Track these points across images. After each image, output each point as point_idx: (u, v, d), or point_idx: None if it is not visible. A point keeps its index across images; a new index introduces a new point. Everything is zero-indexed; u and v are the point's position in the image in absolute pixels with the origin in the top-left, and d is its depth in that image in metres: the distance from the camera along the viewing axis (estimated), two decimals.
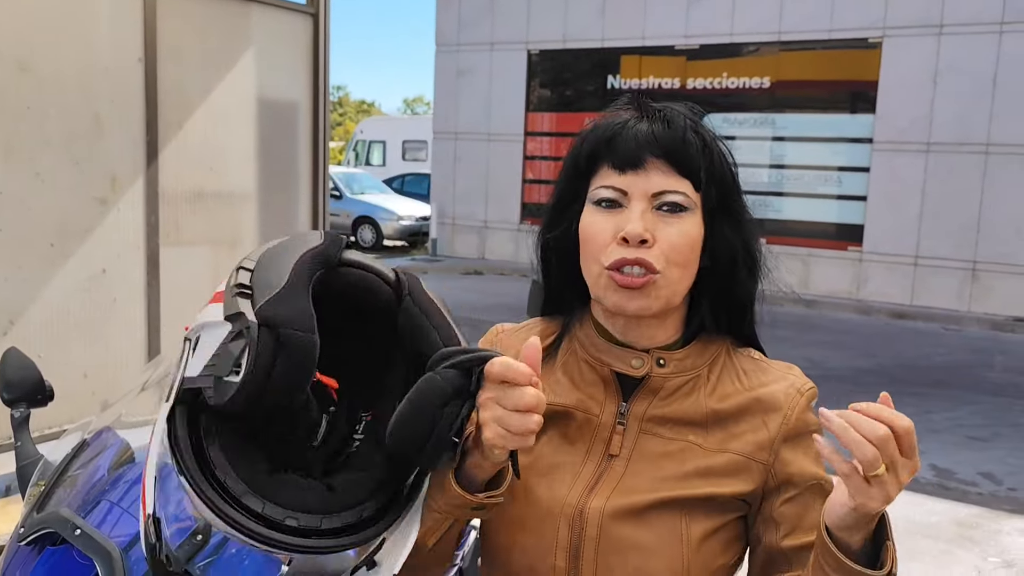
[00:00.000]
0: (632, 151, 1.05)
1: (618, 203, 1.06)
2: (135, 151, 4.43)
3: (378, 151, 24.79)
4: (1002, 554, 4.14)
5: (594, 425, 1.11)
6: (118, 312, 4.41)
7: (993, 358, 8.79)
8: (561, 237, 1.13)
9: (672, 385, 1.10)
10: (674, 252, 1.04)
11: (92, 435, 1.67)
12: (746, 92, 12.38)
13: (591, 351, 1.14)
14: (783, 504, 1.07)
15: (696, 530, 1.05)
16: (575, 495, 1.07)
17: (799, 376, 1.13)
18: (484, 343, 1.28)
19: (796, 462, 1.07)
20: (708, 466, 1.07)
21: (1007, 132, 10.55)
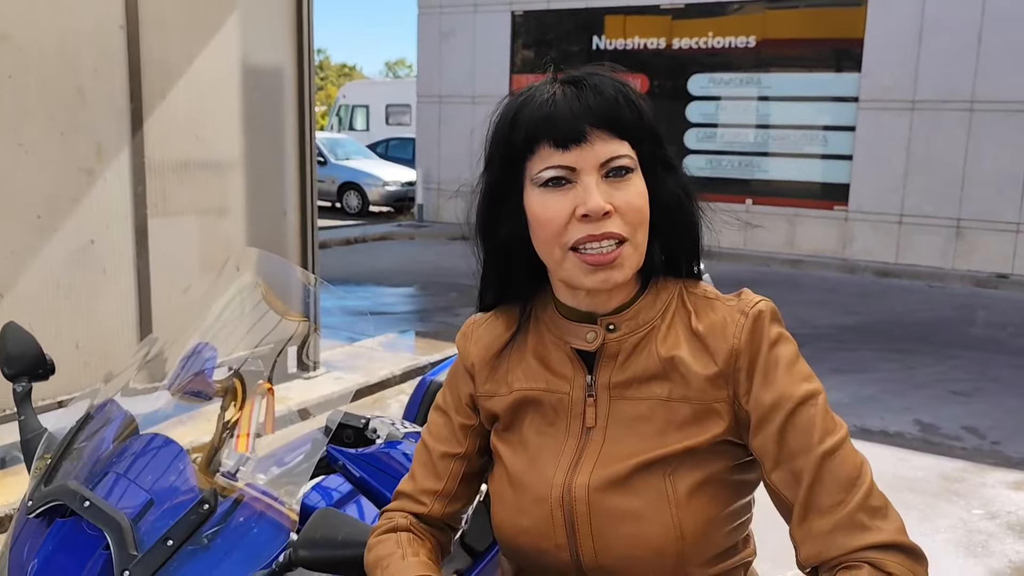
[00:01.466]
0: (572, 126, 1.03)
1: (567, 179, 1.04)
2: (120, 121, 4.39)
3: (361, 116, 24.57)
4: (986, 506, 4.24)
5: (567, 403, 1.12)
6: (108, 283, 4.40)
7: (976, 314, 8.90)
8: (512, 227, 1.10)
9: (628, 345, 1.10)
10: (635, 214, 1.04)
11: (96, 408, 1.68)
12: (732, 51, 12.31)
13: (554, 331, 1.15)
14: (758, 437, 1.04)
15: (681, 487, 1.05)
16: (560, 475, 1.09)
17: (746, 298, 1.10)
18: (460, 337, 1.27)
19: (754, 385, 1.04)
20: (678, 418, 1.06)
21: (991, 89, 10.57)
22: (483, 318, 1.26)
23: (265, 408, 1.87)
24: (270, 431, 1.87)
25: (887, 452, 4.88)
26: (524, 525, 1.12)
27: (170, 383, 1.84)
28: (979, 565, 3.66)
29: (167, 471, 1.55)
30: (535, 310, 1.19)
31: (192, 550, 1.41)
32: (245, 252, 1.80)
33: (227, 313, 1.85)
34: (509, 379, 1.17)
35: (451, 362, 2.79)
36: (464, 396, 1.23)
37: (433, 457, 1.23)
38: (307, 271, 1.76)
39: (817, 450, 1.00)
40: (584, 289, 1.08)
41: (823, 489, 0.99)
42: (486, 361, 1.20)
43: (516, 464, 1.14)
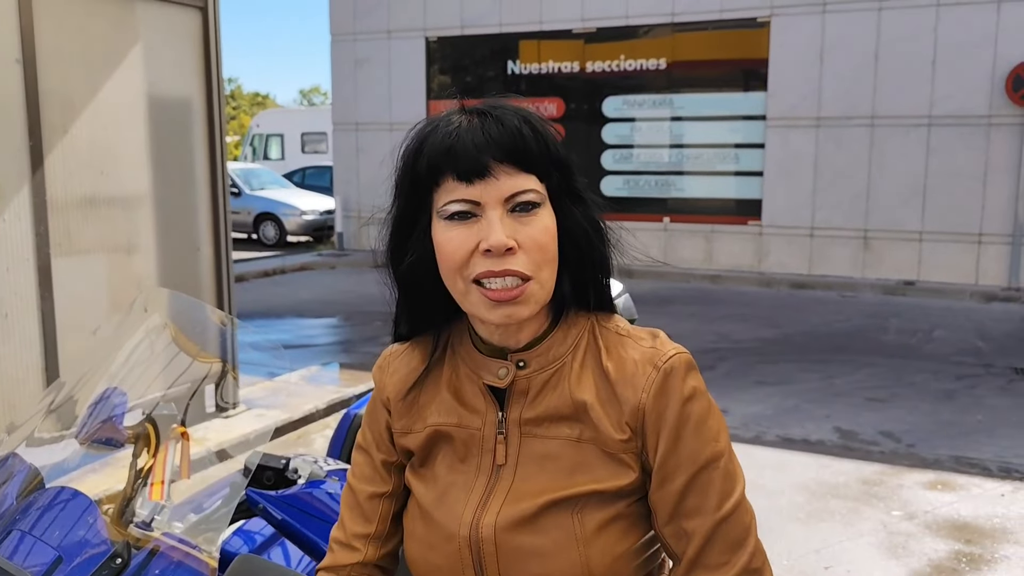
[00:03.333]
0: (474, 159, 1.01)
1: (471, 213, 1.02)
2: (18, 158, 4.21)
3: (276, 144, 24.21)
4: (904, 507, 4.37)
5: (478, 439, 1.10)
6: (11, 328, 4.20)
7: (887, 321, 9.22)
8: (419, 258, 1.08)
9: (538, 382, 1.08)
10: (540, 251, 1.02)
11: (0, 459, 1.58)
12: (644, 74, 12.59)
13: (469, 364, 1.13)
14: (658, 492, 1.05)
15: (590, 524, 1.04)
16: (468, 513, 1.08)
17: (661, 346, 1.08)
18: (377, 369, 1.24)
19: (661, 447, 1.04)
20: (585, 461, 1.06)
21: (890, 105, 11.06)
22: (399, 349, 1.23)
23: (180, 452, 1.80)
24: (186, 476, 1.79)
25: (809, 459, 4.99)
26: (435, 562, 1.10)
27: (79, 431, 1.76)
28: (901, 566, 3.76)
29: (76, 525, 1.47)
30: (451, 341, 1.17)
31: None
32: (154, 292, 1.73)
33: (137, 355, 1.77)
34: (424, 414, 1.15)
35: None
36: (382, 432, 1.20)
37: (360, 499, 1.19)
38: (219, 310, 1.70)
39: (714, 515, 1.03)
40: (490, 323, 1.06)
41: (712, 550, 1.03)
42: (401, 395, 1.17)
43: (427, 499, 1.11)
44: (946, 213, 10.93)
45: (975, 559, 3.82)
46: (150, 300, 1.73)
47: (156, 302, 1.72)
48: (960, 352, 7.79)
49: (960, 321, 9.20)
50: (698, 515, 1.03)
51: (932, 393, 6.41)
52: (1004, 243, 10.73)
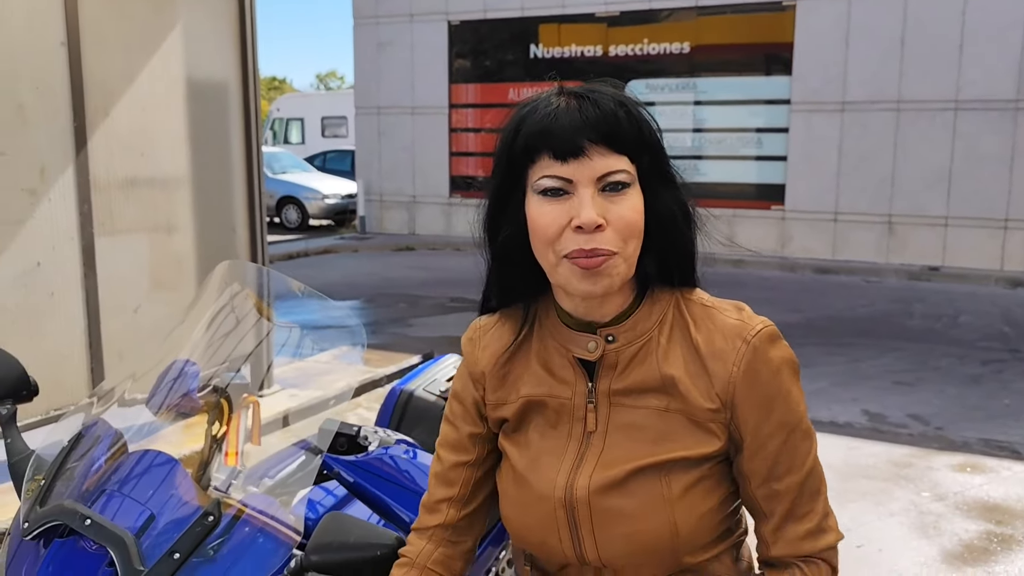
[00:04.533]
0: (570, 139, 1.06)
1: (564, 191, 1.07)
2: (63, 139, 4.29)
3: (296, 129, 24.31)
4: (934, 488, 4.41)
5: (569, 408, 1.17)
6: (56, 306, 4.30)
7: (912, 306, 9.22)
8: (513, 231, 1.13)
9: (627, 356, 1.14)
10: (627, 229, 1.07)
11: (86, 427, 1.66)
12: (666, 58, 12.56)
13: (557, 338, 1.18)
14: (751, 461, 1.12)
15: (676, 487, 1.11)
16: (562, 477, 1.14)
17: (747, 320, 1.13)
18: (464, 341, 1.30)
19: (752, 418, 1.10)
20: (672, 430, 1.12)
21: (916, 89, 10.99)
22: (488, 323, 1.28)
23: (251, 420, 1.87)
24: (256, 443, 1.87)
25: (839, 441, 5.03)
26: (528, 521, 1.18)
27: (151, 400, 1.83)
28: (933, 545, 3.80)
29: (165, 486, 1.54)
30: (539, 315, 1.22)
31: (198, 562, 1.41)
32: (232, 264, 1.79)
33: (212, 326, 1.84)
34: (517, 385, 1.21)
35: (420, 371, 2.81)
36: (471, 406, 1.27)
37: (445, 467, 1.27)
38: (294, 280, 1.77)
39: (801, 472, 1.13)
40: (577, 295, 1.11)
41: (800, 502, 1.13)
42: (496, 370, 1.23)
43: (521, 463, 1.19)
44: (971, 198, 10.88)
45: (1006, 539, 3.86)
46: (228, 272, 1.80)
47: (234, 274, 1.79)
48: (986, 337, 7.78)
49: (985, 306, 9.18)
50: (788, 475, 1.12)
51: (958, 377, 6.43)
52: None
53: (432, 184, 14.38)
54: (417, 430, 2.36)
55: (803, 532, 1.12)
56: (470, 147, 14.07)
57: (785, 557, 1.14)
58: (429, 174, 14.38)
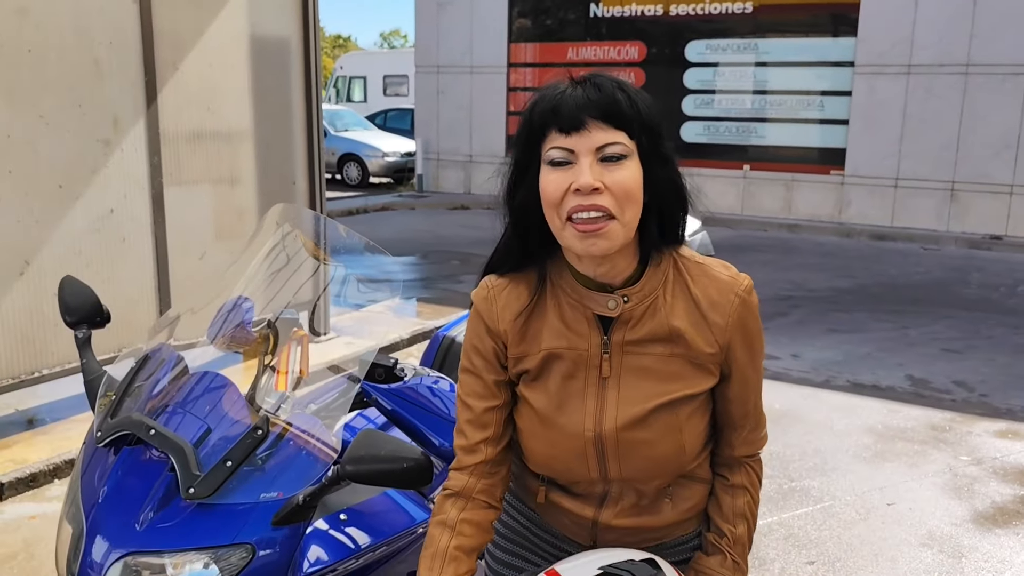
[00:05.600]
0: (573, 116, 1.23)
1: (568, 161, 1.24)
2: (135, 92, 4.52)
3: (359, 87, 24.56)
4: (972, 453, 4.44)
5: (585, 358, 1.35)
6: (127, 251, 4.56)
7: (969, 275, 9.07)
8: (527, 195, 1.30)
9: (639, 312, 1.33)
10: (623, 194, 1.23)
11: (152, 351, 1.85)
12: (729, 18, 12.37)
13: (573, 296, 1.35)
14: (732, 384, 1.39)
15: (683, 415, 1.35)
16: (590, 419, 1.35)
17: (734, 275, 1.37)
18: (478, 298, 1.43)
19: (739, 354, 1.36)
20: (676, 371, 1.34)
21: (986, 53, 10.66)
22: (501, 283, 1.42)
23: (300, 352, 2.04)
24: (305, 374, 2.04)
25: (879, 404, 5.07)
26: (556, 453, 1.38)
27: (212, 331, 2.02)
28: (964, 506, 3.86)
29: (221, 404, 1.73)
30: (551, 275, 1.38)
31: (248, 470, 1.59)
32: (285, 207, 1.96)
33: (267, 265, 2.01)
34: (538, 339, 1.37)
35: (462, 319, 2.98)
36: (492, 357, 1.41)
37: (476, 413, 1.42)
38: (340, 224, 1.93)
39: (760, 389, 1.44)
40: (580, 256, 1.29)
41: (758, 413, 1.46)
42: (517, 326, 1.38)
43: (545, 407, 1.37)
44: None
45: None
46: (282, 215, 1.96)
47: (286, 216, 1.95)
48: None
49: None
50: (755, 394, 1.43)
51: (1011, 347, 6.36)
52: None
53: (489, 143, 14.47)
54: (456, 372, 2.52)
55: (756, 437, 1.46)
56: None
57: (741, 456, 1.46)
58: (486, 133, 14.47)
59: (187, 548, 1.54)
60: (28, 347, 4.17)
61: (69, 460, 3.99)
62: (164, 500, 1.59)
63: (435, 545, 1.38)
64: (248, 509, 1.56)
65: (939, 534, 3.61)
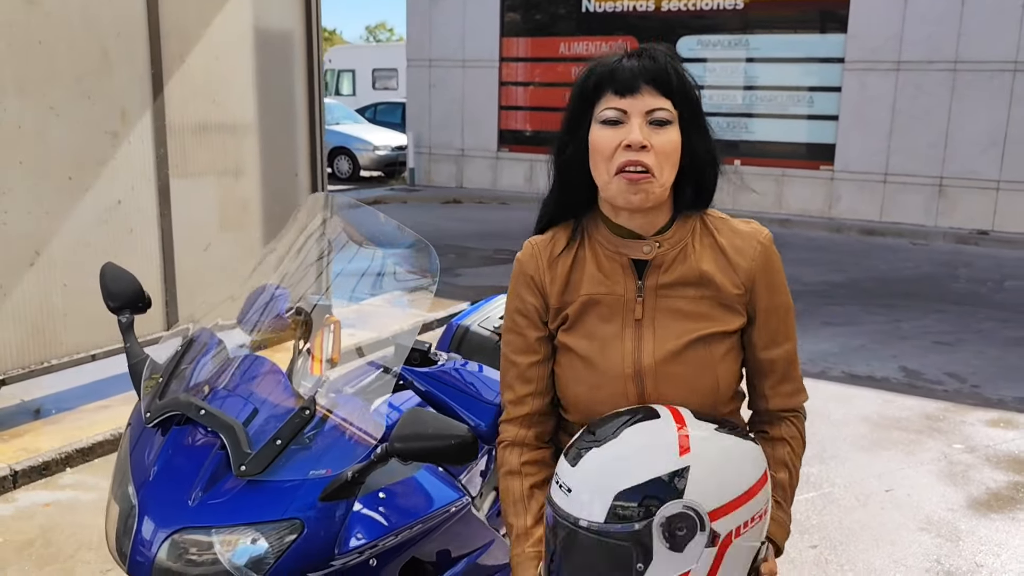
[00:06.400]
0: (629, 80, 1.38)
1: (620, 121, 1.38)
2: (142, 84, 4.55)
3: (348, 80, 24.52)
4: (965, 441, 4.54)
5: (621, 302, 1.46)
6: (135, 242, 4.59)
7: (958, 270, 9.21)
8: (575, 152, 1.44)
9: (670, 257, 1.46)
10: (664, 155, 1.38)
11: (195, 335, 1.90)
12: (720, 14, 12.46)
13: (609, 246, 1.48)
14: (758, 328, 1.49)
15: (717, 353, 1.45)
16: (628, 357, 1.44)
17: (756, 228, 1.50)
18: (523, 256, 1.55)
19: (764, 297, 1.47)
20: (706, 311, 1.45)
21: (974, 50, 10.80)
22: (542, 241, 1.55)
23: (332, 338, 2.10)
24: (337, 359, 2.11)
25: (874, 394, 5.17)
26: (600, 396, 1.46)
27: (245, 319, 2.07)
28: (959, 492, 3.96)
29: (266, 386, 1.78)
30: (587, 230, 1.51)
31: (296, 448, 1.65)
32: (319, 196, 2.01)
33: (300, 253, 2.07)
34: (578, 287, 1.49)
35: (476, 308, 3.04)
36: (533, 313, 1.53)
37: (521, 369, 1.54)
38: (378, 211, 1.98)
39: (791, 342, 1.53)
40: (622, 207, 1.41)
41: (790, 368, 1.53)
42: (560, 278, 1.50)
43: (587, 350, 1.47)
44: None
45: None
46: (315, 204, 2.02)
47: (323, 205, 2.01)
48: None
49: None
50: (784, 343, 1.51)
51: (1000, 340, 6.49)
52: None
53: (481, 137, 14.52)
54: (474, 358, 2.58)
55: (791, 390, 1.54)
56: (519, 101, 14.16)
57: (778, 410, 1.53)
58: (478, 127, 14.52)
59: (238, 523, 1.59)
60: (38, 337, 4.20)
61: (80, 449, 4.03)
62: (214, 478, 1.64)
63: (512, 493, 1.52)
64: (297, 485, 1.62)
65: (936, 519, 3.71)
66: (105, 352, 4.50)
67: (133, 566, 1.63)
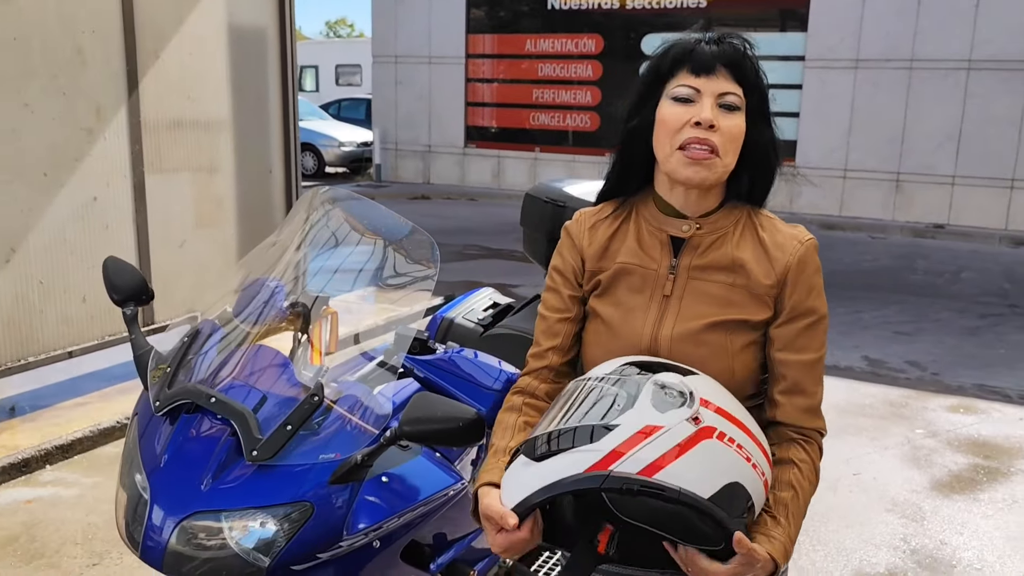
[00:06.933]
0: (708, 60, 1.41)
1: (691, 100, 1.40)
2: (117, 81, 4.54)
3: (310, 76, 24.37)
4: (927, 426, 4.72)
5: (653, 276, 1.49)
6: (110, 238, 4.58)
7: (915, 263, 9.47)
8: (641, 124, 1.47)
9: (707, 241, 1.47)
10: (729, 139, 1.40)
11: (201, 326, 1.94)
12: (683, 11, 12.63)
13: (652, 222, 1.52)
14: (780, 326, 1.45)
15: (736, 343, 1.44)
16: (648, 328, 1.47)
17: (801, 231, 1.50)
18: (572, 222, 1.59)
19: (794, 295, 1.44)
20: (737, 299, 1.45)
21: (929, 48, 11.10)
22: (592, 211, 1.60)
23: (330, 328, 2.16)
24: (334, 349, 2.16)
25: (839, 383, 5.33)
26: None
27: (242, 312, 2.12)
28: (924, 475, 4.12)
29: (273, 374, 1.84)
30: (636, 207, 1.55)
31: (306, 434, 1.70)
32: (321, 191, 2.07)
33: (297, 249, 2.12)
34: (615, 256, 1.53)
35: (459, 302, 3.11)
36: (570, 274, 1.58)
37: (550, 323, 1.58)
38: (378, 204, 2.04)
39: (813, 355, 1.46)
40: (680, 182, 1.43)
41: (807, 381, 1.45)
42: (601, 244, 1.55)
43: (614, 317, 1.50)
44: (980, 158, 11.05)
45: (992, 472, 4.17)
46: (311, 199, 2.07)
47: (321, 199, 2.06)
48: (986, 293, 8.05)
49: (988, 264, 9.43)
50: (804, 352, 1.45)
51: (957, 329, 6.71)
52: None
53: (448, 134, 14.55)
54: None
55: (804, 406, 1.45)
56: (486, 98, 14.21)
57: (787, 424, 1.45)
58: (445, 124, 14.54)
59: (249, 507, 1.64)
60: (15, 334, 4.18)
61: (60, 446, 4.02)
62: (224, 464, 1.69)
63: (505, 423, 1.53)
64: (307, 469, 1.68)
65: (902, 500, 3.86)
66: (82, 349, 4.49)
67: (145, 552, 1.67)
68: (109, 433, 4.22)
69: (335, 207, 2.06)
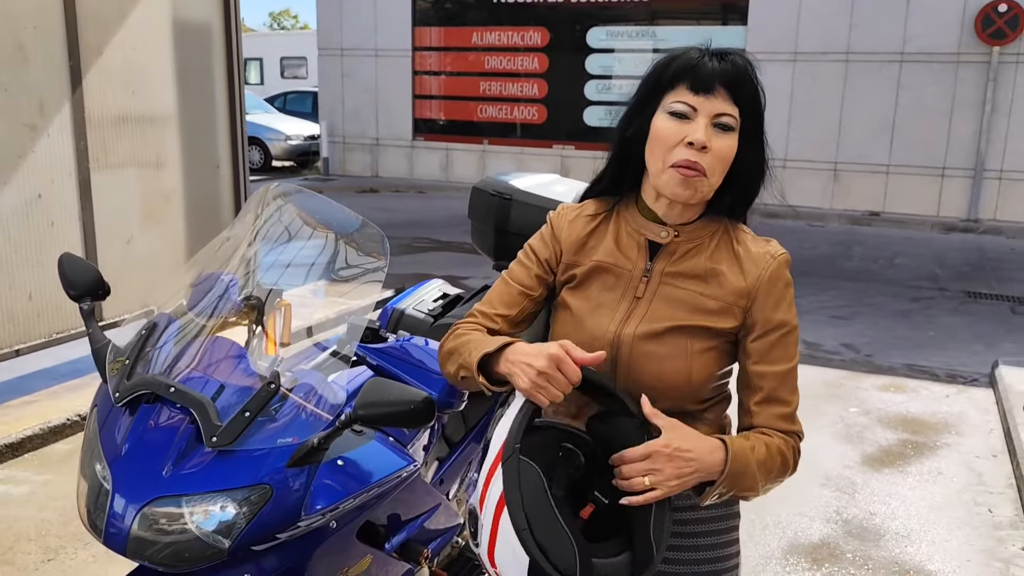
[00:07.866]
0: (708, 79, 1.41)
1: (687, 116, 1.42)
2: (60, 76, 4.51)
3: (255, 69, 24.08)
4: (860, 405, 4.94)
5: (627, 277, 1.54)
6: (56, 236, 4.56)
7: (852, 249, 9.79)
8: (636, 133, 1.49)
9: (683, 249, 1.51)
10: (719, 161, 1.42)
11: (157, 319, 2.00)
12: (626, 5, 12.81)
13: (632, 224, 1.56)
14: (754, 340, 1.48)
15: (696, 346, 1.47)
16: (613, 325, 1.51)
17: (775, 246, 1.53)
18: (554, 214, 1.65)
19: (765, 309, 1.47)
20: (705, 307, 1.48)
21: (864, 41, 11.44)
22: (575, 207, 1.65)
23: (284, 320, 2.23)
24: (288, 341, 2.24)
25: None
26: None
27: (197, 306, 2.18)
28: (856, 451, 4.33)
29: (230, 363, 1.91)
30: (619, 208, 1.59)
31: (264, 420, 1.78)
32: (275, 186, 2.14)
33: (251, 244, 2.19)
34: (592, 253, 1.58)
35: (409, 293, 3.20)
36: (545, 258, 1.62)
37: (512, 291, 1.62)
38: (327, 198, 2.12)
39: (787, 365, 1.50)
40: (667, 197, 1.46)
41: (782, 390, 1.50)
42: (577, 235, 1.59)
43: (582, 310, 1.55)
44: (913, 147, 11.44)
45: (919, 446, 4.40)
46: (266, 195, 2.14)
47: (273, 195, 2.13)
48: (918, 277, 8.37)
49: (920, 250, 9.79)
50: (779, 363, 1.49)
51: (890, 312, 6.99)
52: (966, 177, 11.29)
53: (395, 127, 14.54)
54: None
55: (780, 414, 1.50)
56: (433, 90, 14.23)
57: (763, 427, 1.50)
58: (392, 117, 14.53)
59: (210, 491, 1.72)
60: None
61: (9, 444, 4.01)
62: (184, 452, 1.75)
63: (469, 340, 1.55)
64: (265, 454, 1.75)
65: (835, 475, 4.05)
66: (29, 347, 4.47)
67: (108, 538, 1.73)
68: (59, 431, 4.22)
69: (287, 202, 2.13)
